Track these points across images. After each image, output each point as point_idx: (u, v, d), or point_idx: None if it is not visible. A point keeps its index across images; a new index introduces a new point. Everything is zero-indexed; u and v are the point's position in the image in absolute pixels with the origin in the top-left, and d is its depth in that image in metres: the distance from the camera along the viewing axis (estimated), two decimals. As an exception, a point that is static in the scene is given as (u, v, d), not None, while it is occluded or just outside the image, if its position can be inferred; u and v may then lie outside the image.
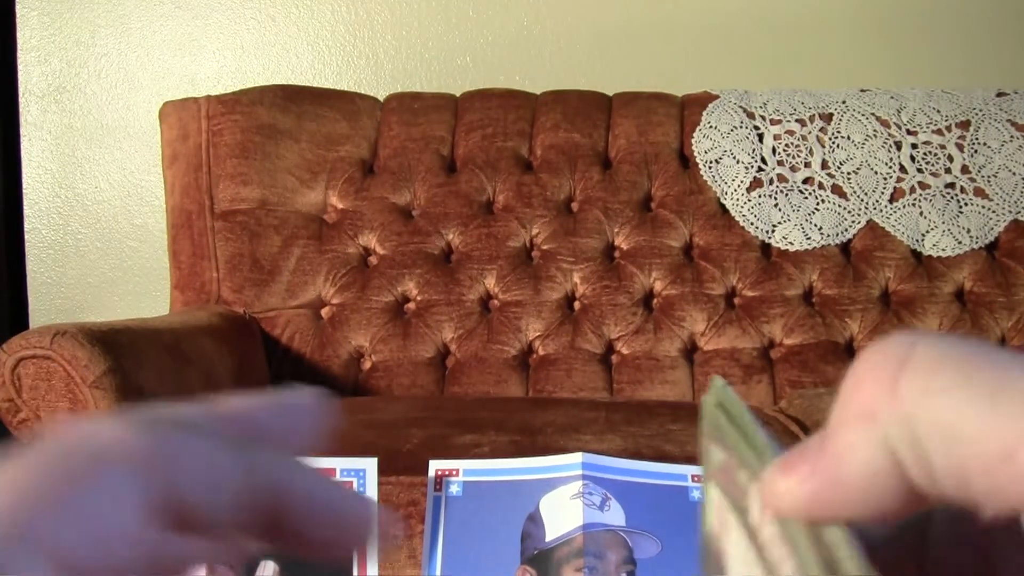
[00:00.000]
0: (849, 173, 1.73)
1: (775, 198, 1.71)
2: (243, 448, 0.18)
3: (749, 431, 0.19)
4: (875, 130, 1.76)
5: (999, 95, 1.83)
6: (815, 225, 1.70)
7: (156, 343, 1.27)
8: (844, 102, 1.79)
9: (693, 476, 0.74)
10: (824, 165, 1.74)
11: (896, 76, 2.03)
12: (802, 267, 1.69)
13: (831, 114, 1.77)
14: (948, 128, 1.78)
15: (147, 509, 0.17)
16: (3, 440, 1.24)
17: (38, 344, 1.13)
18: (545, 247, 1.68)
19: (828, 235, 1.70)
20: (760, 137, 1.75)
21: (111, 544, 0.16)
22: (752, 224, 1.69)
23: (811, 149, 1.74)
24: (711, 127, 1.75)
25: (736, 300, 1.68)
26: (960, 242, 1.71)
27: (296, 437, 0.20)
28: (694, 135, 1.74)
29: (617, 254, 1.69)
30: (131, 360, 1.18)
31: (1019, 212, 1.73)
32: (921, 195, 1.73)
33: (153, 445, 0.17)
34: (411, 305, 1.65)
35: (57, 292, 2.01)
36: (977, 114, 1.79)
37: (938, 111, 1.79)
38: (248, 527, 0.18)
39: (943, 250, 1.71)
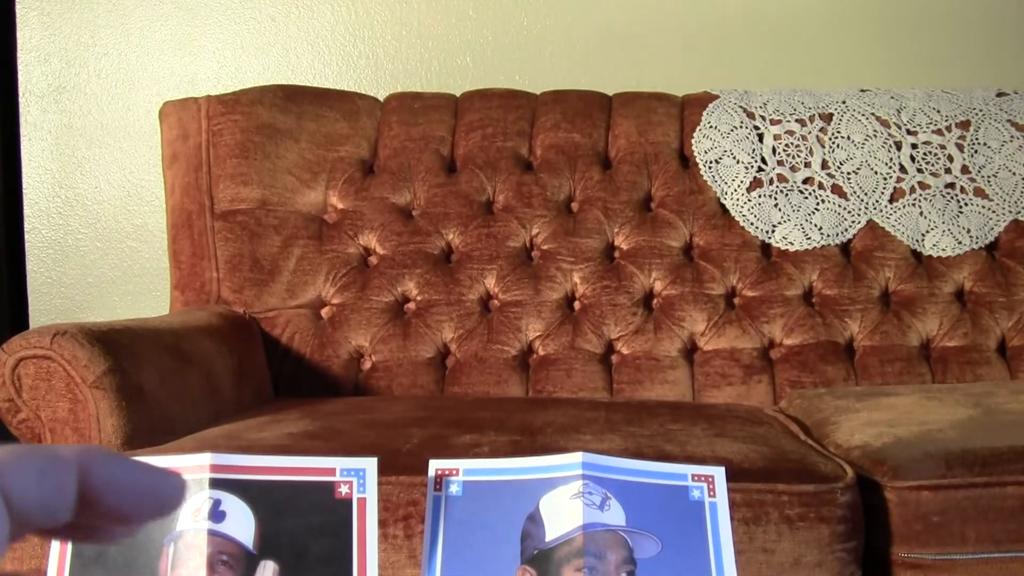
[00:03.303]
0: (849, 173, 1.73)
1: (775, 198, 1.71)
2: (63, 455, 0.23)
3: None
4: (875, 130, 1.76)
5: (999, 95, 1.83)
6: (815, 225, 1.70)
7: (156, 343, 1.27)
8: (844, 102, 1.79)
9: (693, 476, 0.74)
10: (824, 165, 1.74)
11: (896, 76, 2.03)
12: (802, 267, 1.69)
13: (831, 114, 1.77)
14: (948, 128, 1.78)
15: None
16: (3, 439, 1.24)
17: (38, 344, 1.13)
18: (545, 247, 1.67)
19: (828, 235, 1.70)
20: (760, 137, 1.75)
21: None
22: (752, 224, 1.69)
23: (811, 149, 1.74)
24: (711, 127, 1.75)
25: (736, 300, 1.68)
26: (960, 242, 1.71)
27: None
28: (694, 135, 1.74)
29: (617, 254, 1.69)
30: (131, 360, 1.18)
31: (1019, 212, 1.73)
32: (921, 195, 1.73)
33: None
34: (411, 305, 1.65)
35: (57, 292, 2.01)
36: (977, 114, 1.79)
37: (938, 111, 1.79)
38: (78, 514, 0.23)
39: (943, 250, 1.71)
